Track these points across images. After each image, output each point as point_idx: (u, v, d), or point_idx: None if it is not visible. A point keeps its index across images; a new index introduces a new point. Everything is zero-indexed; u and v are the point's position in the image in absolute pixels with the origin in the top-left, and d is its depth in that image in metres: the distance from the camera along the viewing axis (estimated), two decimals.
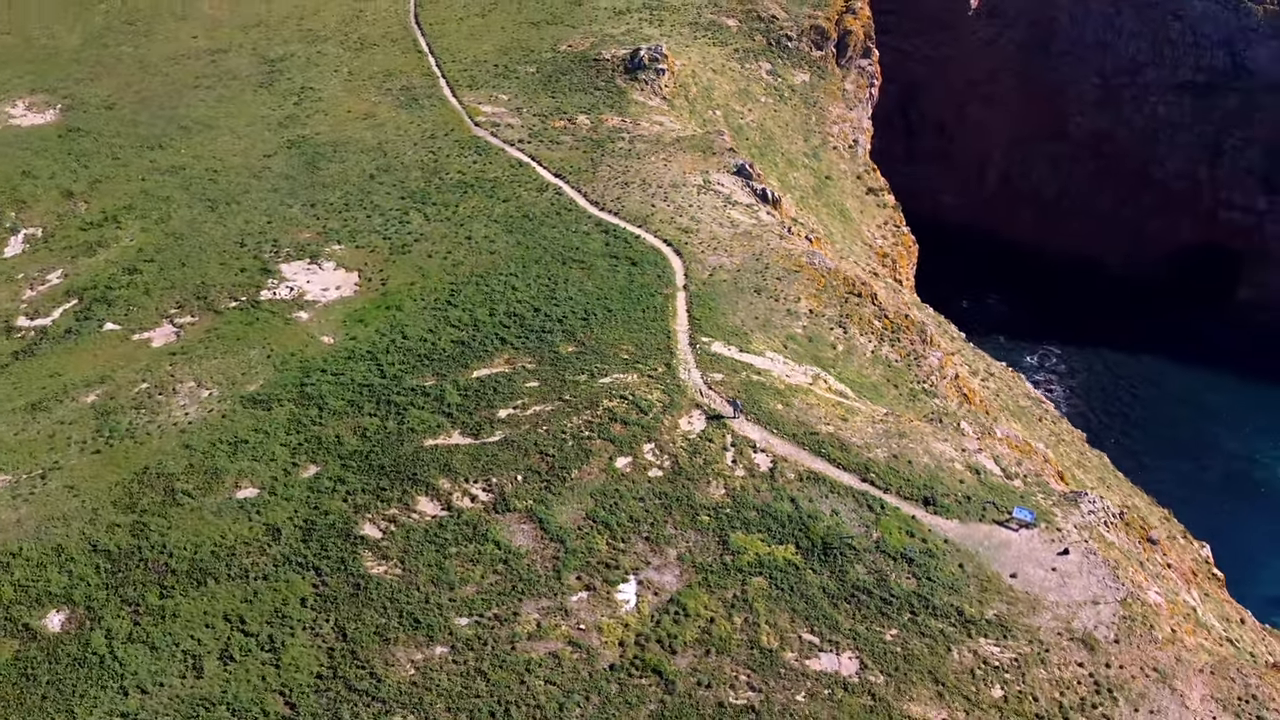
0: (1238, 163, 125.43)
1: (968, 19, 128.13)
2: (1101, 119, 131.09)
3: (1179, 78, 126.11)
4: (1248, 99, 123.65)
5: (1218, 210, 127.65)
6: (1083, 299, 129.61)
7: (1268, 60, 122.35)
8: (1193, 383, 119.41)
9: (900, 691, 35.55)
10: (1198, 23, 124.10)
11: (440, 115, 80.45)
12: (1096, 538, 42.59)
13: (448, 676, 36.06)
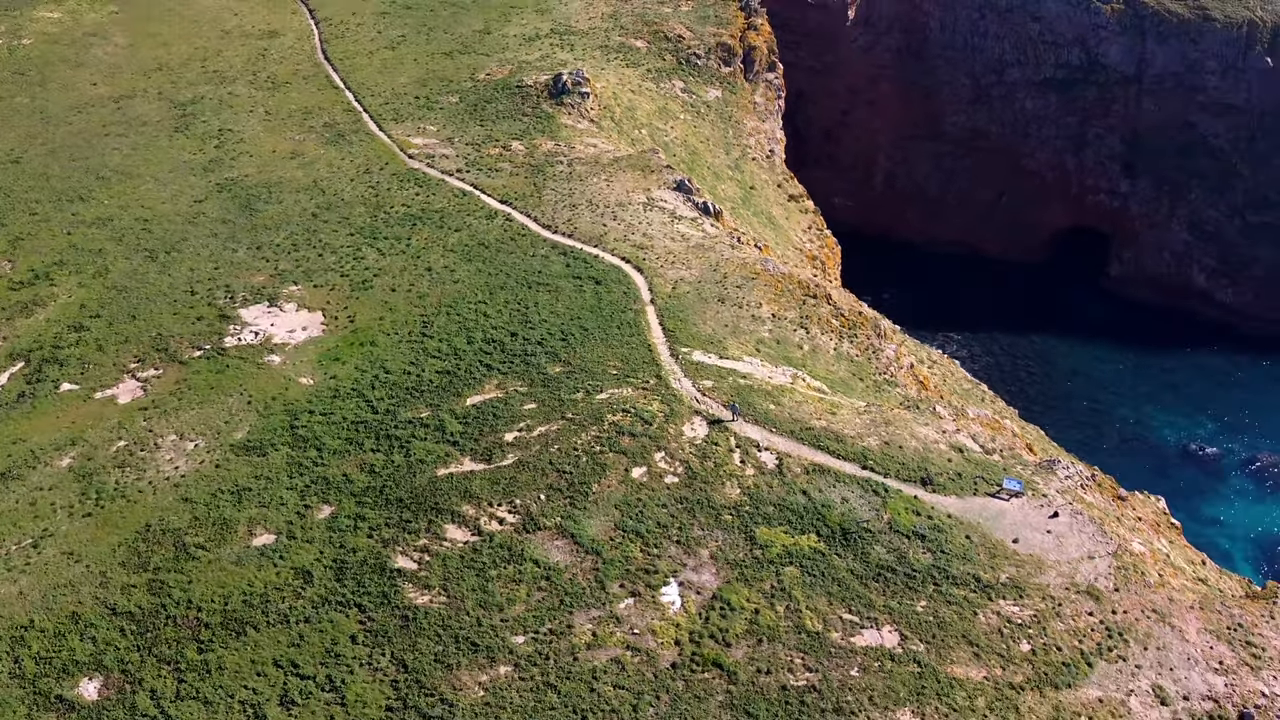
0: (1100, 151, 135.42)
1: (846, 29, 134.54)
2: (975, 117, 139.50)
3: (1041, 75, 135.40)
4: (1104, 91, 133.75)
5: (1085, 195, 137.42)
6: (972, 287, 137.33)
7: (1118, 55, 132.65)
8: (1080, 357, 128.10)
9: (941, 656, 38.49)
10: (1054, 23, 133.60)
11: (371, 150, 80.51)
12: (1078, 499, 46.70)
13: (518, 693, 37.16)
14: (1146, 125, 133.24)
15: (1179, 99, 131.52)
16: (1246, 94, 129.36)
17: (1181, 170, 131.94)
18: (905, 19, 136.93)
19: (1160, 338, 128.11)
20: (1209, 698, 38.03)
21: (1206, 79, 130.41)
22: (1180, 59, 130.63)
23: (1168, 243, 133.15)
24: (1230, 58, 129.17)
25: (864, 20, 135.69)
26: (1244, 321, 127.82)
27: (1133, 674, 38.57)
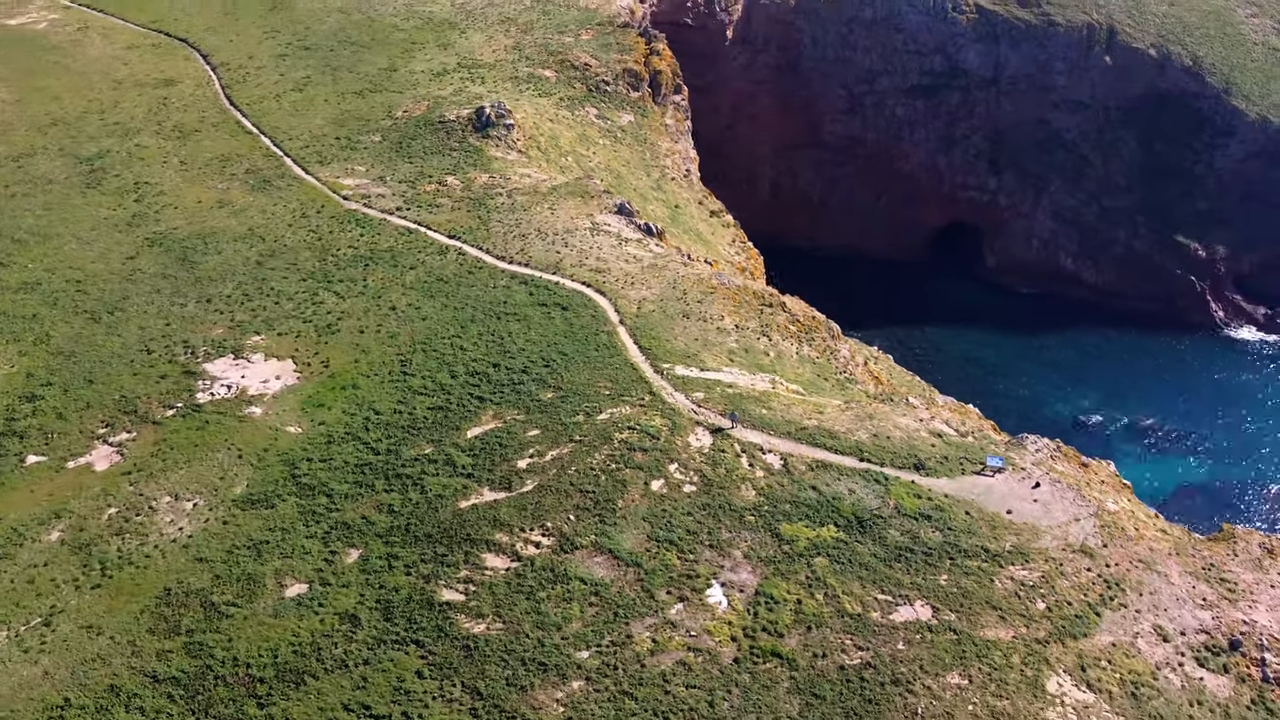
0: (967, 150, 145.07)
1: (725, 49, 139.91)
2: (851, 125, 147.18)
3: (909, 82, 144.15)
4: (966, 95, 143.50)
5: (957, 193, 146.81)
6: (862, 286, 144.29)
7: (976, 60, 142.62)
8: (969, 344, 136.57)
9: (972, 623, 42.16)
10: (916, 34, 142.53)
11: (302, 194, 80.00)
12: (1052, 469, 51.46)
13: (597, 705, 38.81)
14: (1007, 124, 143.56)
15: (1033, 98, 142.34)
16: (1091, 91, 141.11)
17: (1041, 164, 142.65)
18: (780, 36, 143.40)
19: (1038, 320, 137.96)
20: (1201, 631, 42.94)
21: (1056, 78, 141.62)
22: (1031, 61, 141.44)
23: (1035, 231, 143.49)
24: (1075, 58, 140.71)
25: (741, 39, 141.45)
26: (1109, 299, 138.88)
27: (1135, 618, 43.14)
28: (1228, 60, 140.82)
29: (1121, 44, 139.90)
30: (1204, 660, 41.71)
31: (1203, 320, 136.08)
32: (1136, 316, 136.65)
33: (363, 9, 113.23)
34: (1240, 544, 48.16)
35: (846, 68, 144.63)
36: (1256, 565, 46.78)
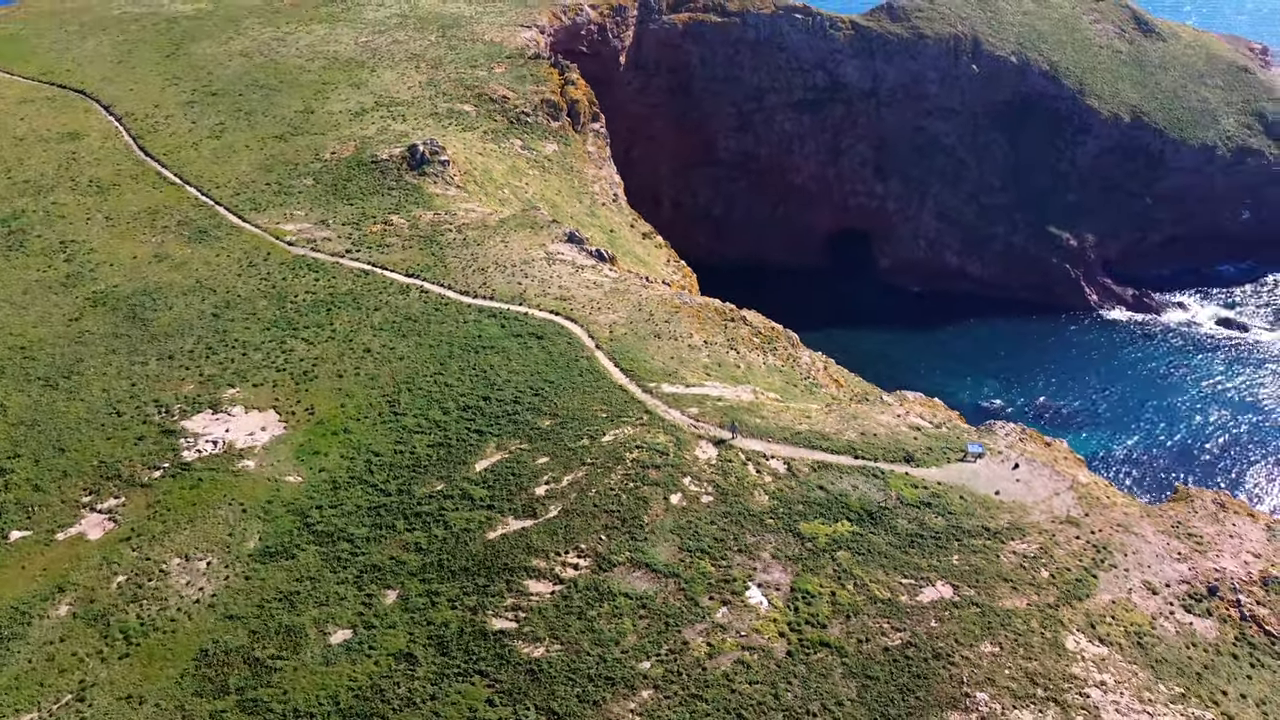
0: (854, 159, 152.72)
1: (620, 74, 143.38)
2: (744, 141, 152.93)
3: (795, 98, 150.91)
4: (849, 107, 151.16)
5: (847, 200, 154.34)
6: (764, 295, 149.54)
7: (855, 74, 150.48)
8: (873, 342, 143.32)
9: (990, 596, 46.06)
10: (798, 52, 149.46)
11: (243, 242, 79.05)
12: (1023, 450, 56.23)
13: (671, 710, 40.87)
14: (888, 133, 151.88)
15: (910, 107, 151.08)
16: (962, 97, 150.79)
17: (922, 168, 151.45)
18: (670, 60, 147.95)
19: (932, 315, 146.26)
20: (1182, 581, 48.03)
21: (929, 88, 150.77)
22: (906, 73, 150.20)
23: (921, 232, 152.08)
24: (945, 68, 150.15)
25: (635, 64, 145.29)
26: (994, 290, 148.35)
27: (1125, 576, 47.93)
28: (1079, 64, 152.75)
29: (986, 53, 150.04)
30: (1190, 607, 46.75)
31: (1079, 304, 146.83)
32: (1020, 305, 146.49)
33: (264, 52, 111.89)
34: (1196, 502, 53.81)
35: (736, 87, 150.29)
36: (1214, 519, 52.45)
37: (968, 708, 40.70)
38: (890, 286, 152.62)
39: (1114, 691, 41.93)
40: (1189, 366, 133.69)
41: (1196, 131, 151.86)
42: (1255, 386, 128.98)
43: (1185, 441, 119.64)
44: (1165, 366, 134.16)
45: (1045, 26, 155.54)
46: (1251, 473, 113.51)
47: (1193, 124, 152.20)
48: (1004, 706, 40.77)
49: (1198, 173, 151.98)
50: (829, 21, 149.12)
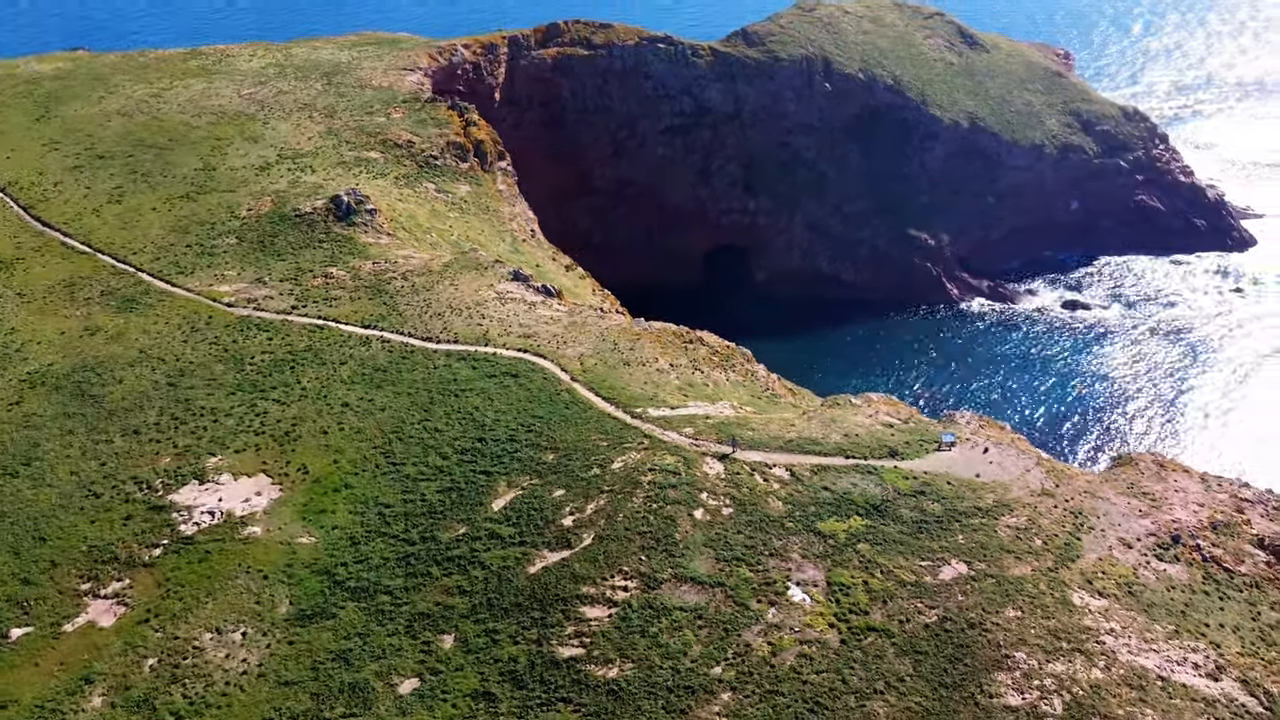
0: (724, 179, 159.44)
1: (495, 110, 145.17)
2: (619, 169, 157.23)
3: (664, 124, 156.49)
4: (715, 130, 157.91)
5: (721, 218, 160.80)
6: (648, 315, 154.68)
7: (719, 98, 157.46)
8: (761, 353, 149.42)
9: (1000, 567, 51.27)
10: (663, 79, 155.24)
11: (179, 308, 77.15)
12: (987, 435, 62.22)
13: (754, 708, 43.90)
14: (754, 151, 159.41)
15: (772, 126, 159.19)
16: (818, 114, 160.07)
17: (788, 183, 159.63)
18: (542, 94, 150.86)
19: (813, 321, 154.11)
20: (1149, 535, 54.71)
21: (787, 106, 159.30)
22: (765, 94, 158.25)
23: (794, 243, 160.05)
24: (800, 87, 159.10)
25: (508, 100, 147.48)
26: (866, 292, 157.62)
27: (1103, 536, 54.20)
28: (919, 76, 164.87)
29: (836, 71, 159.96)
30: (1160, 555, 53.37)
31: (942, 299, 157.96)
32: (891, 304, 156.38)
33: (144, 110, 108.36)
34: (1141, 465, 61.05)
35: (607, 117, 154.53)
36: (1158, 478, 59.72)
37: (1010, 667, 45.54)
38: (768, 297, 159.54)
39: (1122, 636, 47.72)
40: (1046, 346, 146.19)
41: (1026, 132, 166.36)
42: (1105, 358, 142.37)
43: (1057, 412, 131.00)
44: (1026, 348, 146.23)
45: (885, 44, 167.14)
46: (1119, 433, 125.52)
47: (1022, 126, 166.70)
48: (1039, 662, 45.83)
49: (1030, 170, 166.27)
50: (690, 49, 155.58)
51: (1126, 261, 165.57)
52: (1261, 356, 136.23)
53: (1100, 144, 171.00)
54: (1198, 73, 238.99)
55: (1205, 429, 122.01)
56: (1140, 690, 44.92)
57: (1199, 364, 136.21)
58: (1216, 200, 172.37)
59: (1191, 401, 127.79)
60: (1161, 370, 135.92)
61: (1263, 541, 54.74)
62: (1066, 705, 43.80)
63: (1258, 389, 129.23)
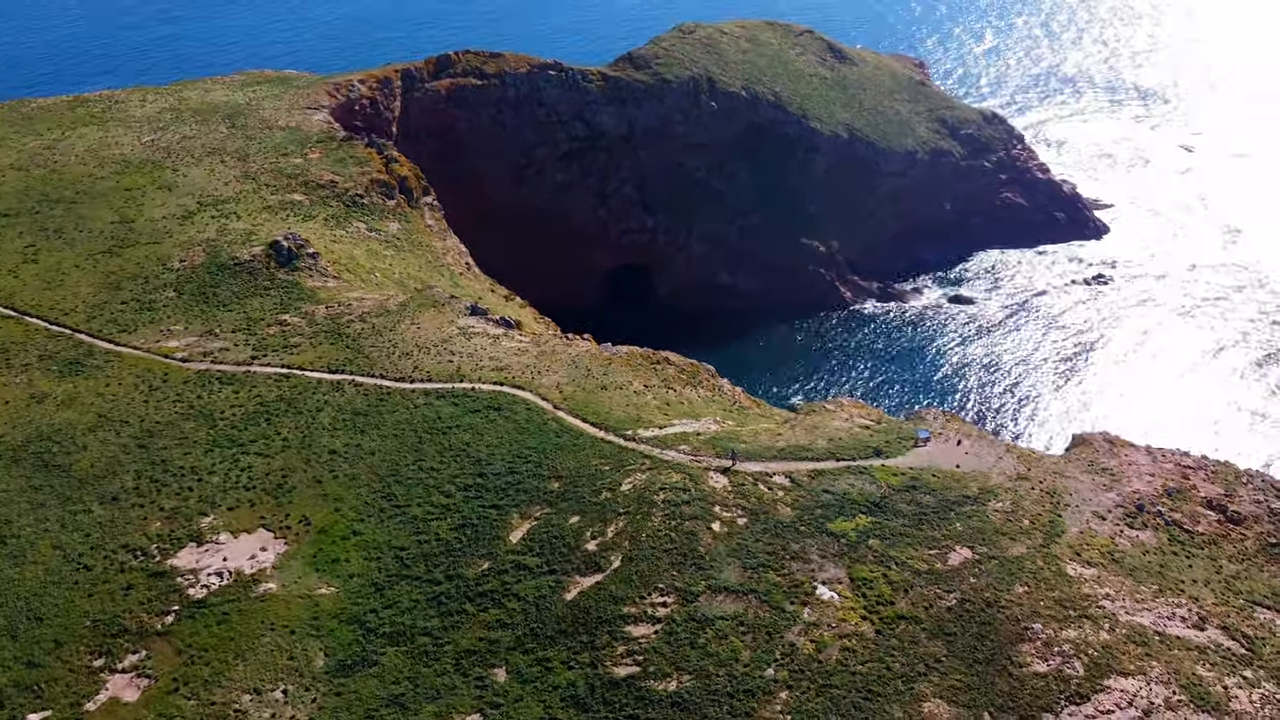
0: (622, 200, 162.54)
1: (395, 144, 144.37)
2: (519, 196, 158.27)
3: (560, 149, 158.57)
4: (610, 153, 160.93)
5: (622, 238, 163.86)
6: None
7: (611, 122, 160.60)
8: None
9: (1000, 549, 55.61)
10: (556, 105, 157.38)
11: (129, 367, 74.63)
12: (955, 429, 66.96)
13: (811, 702, 46.59)
14: (648, 171, 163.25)
15: (664, 146, 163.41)
16: (707, 132, 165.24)
17: (684, 199, 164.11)
18: (438, 125, 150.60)
19: (716, 331, 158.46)
20: (1117, 506, 60.24)
21: (677, 127, 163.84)
22: (656, 115, 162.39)
23: (693, 258, 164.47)
24: (688, 108, 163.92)
25: (405, 134, 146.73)
26: (766, 301, 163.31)
27: (1079, 511, 59.40)
28: (798, 92, 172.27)
29: (721, 90, 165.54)
30: (1130, 524, 58.90)
31: (837, 302, 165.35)
32: (790, 310, 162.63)
33: (40, 163, 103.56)
34: (1094, 444, 66.88)
35: (505, 145, 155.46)
36: (1112, 454, 65.61)
37: (1030, 638, 49.73)
38: (672, 311, 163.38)
39: (1117, 599, 52.69)
40: (939, 338, 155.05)
41: (899, 140, 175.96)
42: (993, 345, 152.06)
43: (955, 398, 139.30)
44: (920, 342, 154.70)
45: (763, 62, 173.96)
46: (1020, 413, 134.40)
47: (895, 134, 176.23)
48: (1054, 631, 50.20)
49: (905, 175, 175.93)
50: (581, 75, 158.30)
51: (999, 256, 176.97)
52: (1142, 333, 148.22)
53: (966, 147, 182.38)
54: (1043, 74, 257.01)
55: (1096, 403, 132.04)
56: (1144, 646, 49.82)
57: (1078, 345, 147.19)
58: (1072, 194, 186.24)
59: (1077, 380, 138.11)
60: (1046, 354, 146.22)
61: (1211, 502, 61.06)
62: (1086, 666, 48.25)
63: (1135, 364, 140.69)
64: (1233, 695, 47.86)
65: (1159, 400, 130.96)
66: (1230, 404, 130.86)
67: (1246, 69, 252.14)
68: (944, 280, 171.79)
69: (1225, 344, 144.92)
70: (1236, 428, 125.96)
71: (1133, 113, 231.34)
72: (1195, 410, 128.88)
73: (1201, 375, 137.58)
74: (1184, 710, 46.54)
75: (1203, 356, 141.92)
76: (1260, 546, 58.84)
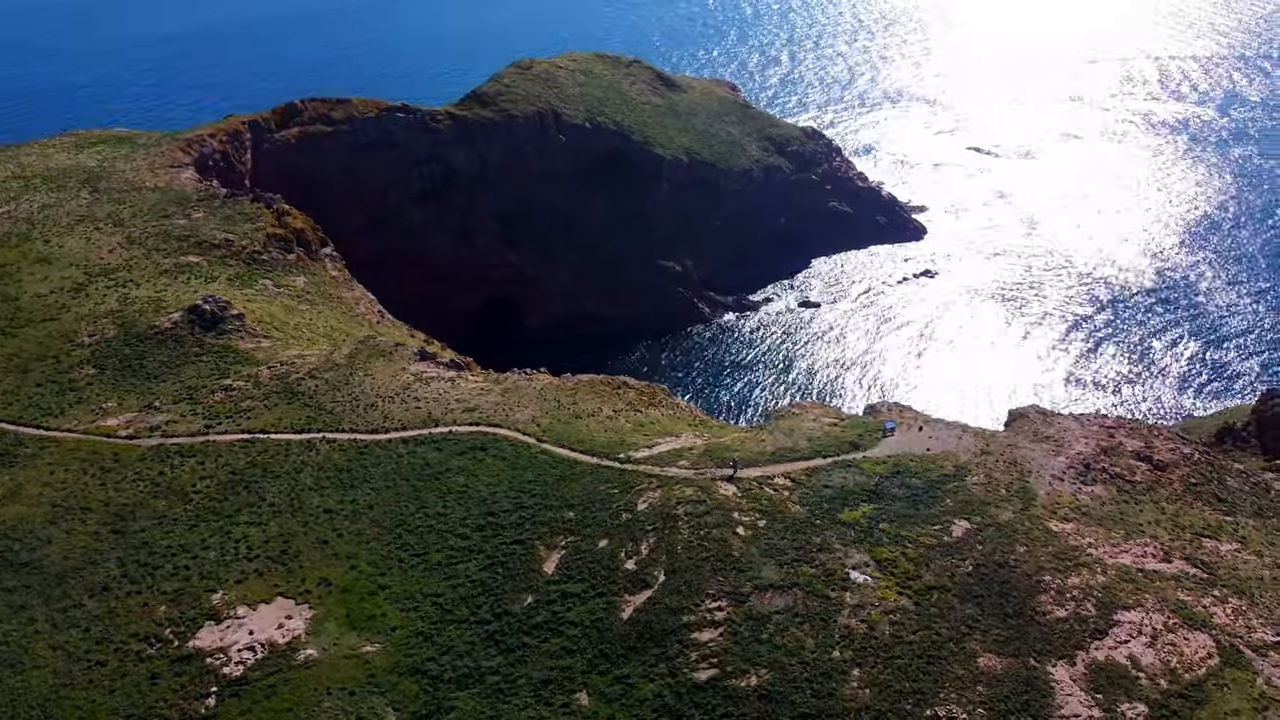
0: (485, 235, 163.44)
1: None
2: (378, 240, 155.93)
3: (415, 190, 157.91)
4: (467, 190, 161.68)
5: (488, 273, 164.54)
6: None
7: (464, 159, 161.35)
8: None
9: (990, 516, 61.81)
10: (409, 147, 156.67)
11: (69, 452, 70.15)
12: (913, 417, 73.32)
13: (882, 674, 50.66)
14: (505, 206, 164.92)
15: (518, 181, 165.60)
16: (559, 165, 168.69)
17: (543, 230, 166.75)
18: (290, 175, 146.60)
19: (588, 358, 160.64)
20: (1069, 468, 67.96)
21: (529, 161, 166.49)
22: (507, 151, 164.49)
23: (558, 288, 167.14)
24: (537, 141, 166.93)
25: (257, 185, 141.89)
26: (634, 323, 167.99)
27: (1041, 476, 66.69)
28: (637, 120, 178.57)
29: (567, 122, 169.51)
30: (1085, 483, 66.69)
31: (697, 318, 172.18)
32: (656, 330, 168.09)
33: None
34: (1030, 416, 74.84)
35: (359, 190, 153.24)
36: (1048, 424, 73.70)
37: (1044, 589, 55.94)
38: (546, 341, 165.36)
39: (1099, 547, 59.91)
40: (797, 341, 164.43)
41: (734, 160, 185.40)
42: (845, 342, 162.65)
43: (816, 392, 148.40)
44: (780, 347, 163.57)
45: (600, 93, 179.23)
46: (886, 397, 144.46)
47: (730, 155, 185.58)
48: (1062, 580, 56.63)
49: (743, 193, 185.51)
50: (429, 115, 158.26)
51: (835, 260, 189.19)
52: (970, 318, 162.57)
53: (793, 163, 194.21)
54: (841, 90, 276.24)
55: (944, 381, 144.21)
56: (1133, 582, 57.05)
57: (919, 334, 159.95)
58: (889, 199, 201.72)
59: (921, 363, 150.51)
60: (889, 344, 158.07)
61: (1138, 455, 69.93)
62: (1096, 607, 54.84)
63: (966, 345, 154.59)
64: (1211, 612, 55.66)
65: (992, 375, 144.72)
66: (1049, 370, 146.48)
67: (1006, 75, 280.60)
68: (790, 288, 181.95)
69: (1039, 320, 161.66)
70: (1056, 390, 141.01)
71: (922, 120, 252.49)
72: (1023, 379, 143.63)
73: (1023, 349, 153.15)
74: (1181, 631, 53.79)
75: (1022, 333, 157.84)
76: (1185, 487, 68.01)
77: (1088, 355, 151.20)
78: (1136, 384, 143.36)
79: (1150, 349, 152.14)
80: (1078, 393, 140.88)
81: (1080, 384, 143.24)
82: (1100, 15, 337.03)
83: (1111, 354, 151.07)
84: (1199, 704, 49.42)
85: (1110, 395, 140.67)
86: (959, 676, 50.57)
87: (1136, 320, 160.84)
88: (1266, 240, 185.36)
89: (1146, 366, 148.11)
